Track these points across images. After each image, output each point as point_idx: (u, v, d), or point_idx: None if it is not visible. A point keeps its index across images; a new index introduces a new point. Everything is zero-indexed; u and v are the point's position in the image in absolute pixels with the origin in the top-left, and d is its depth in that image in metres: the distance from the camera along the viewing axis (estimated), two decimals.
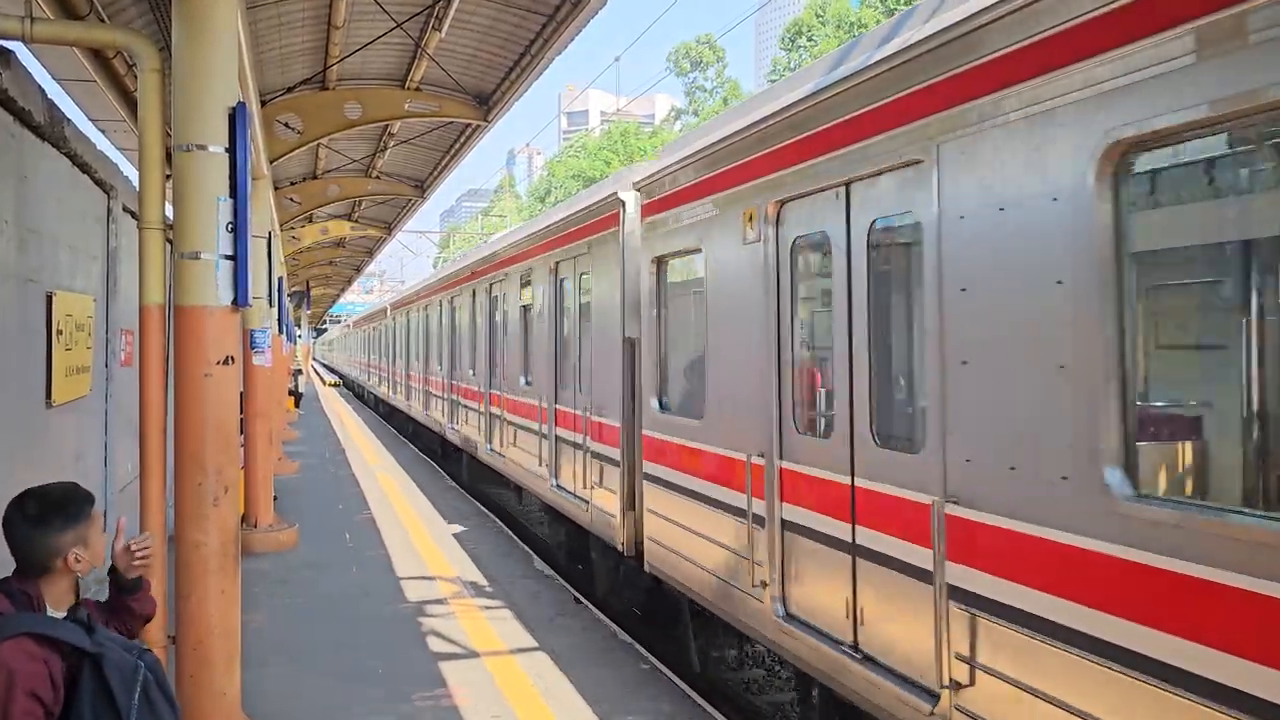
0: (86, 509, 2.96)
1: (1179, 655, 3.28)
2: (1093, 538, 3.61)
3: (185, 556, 5.49)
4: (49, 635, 2.71)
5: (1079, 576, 3.68)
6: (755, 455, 6.17)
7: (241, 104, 5.64)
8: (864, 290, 5.14)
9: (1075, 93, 3.69)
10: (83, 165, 7.74)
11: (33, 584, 2.84)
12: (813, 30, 54.98)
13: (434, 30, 10.85)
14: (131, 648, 2.88)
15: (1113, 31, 3.54)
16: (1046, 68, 3.83)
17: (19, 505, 2.90)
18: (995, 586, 4.09)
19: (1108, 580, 3.55)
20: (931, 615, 4.43)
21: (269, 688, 6.74)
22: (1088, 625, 3.63)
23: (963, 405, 4.30)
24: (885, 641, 4.92)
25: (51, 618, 2.80)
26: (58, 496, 2.96)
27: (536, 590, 9.71)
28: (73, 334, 7.19)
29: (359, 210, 23.98)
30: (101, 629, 2.86)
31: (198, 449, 5.50)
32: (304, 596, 9.43)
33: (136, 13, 8.94)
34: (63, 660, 2.71)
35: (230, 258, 5.51)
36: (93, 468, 8.16)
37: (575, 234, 10.34)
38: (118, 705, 2.73)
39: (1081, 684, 3.66)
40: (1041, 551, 3.85)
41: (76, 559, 2.88)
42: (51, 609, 2.84)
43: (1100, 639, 3.57)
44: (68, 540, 2.87)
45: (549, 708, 6.57)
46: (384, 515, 13.80)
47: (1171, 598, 3.31)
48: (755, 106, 6.56)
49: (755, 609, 6.17)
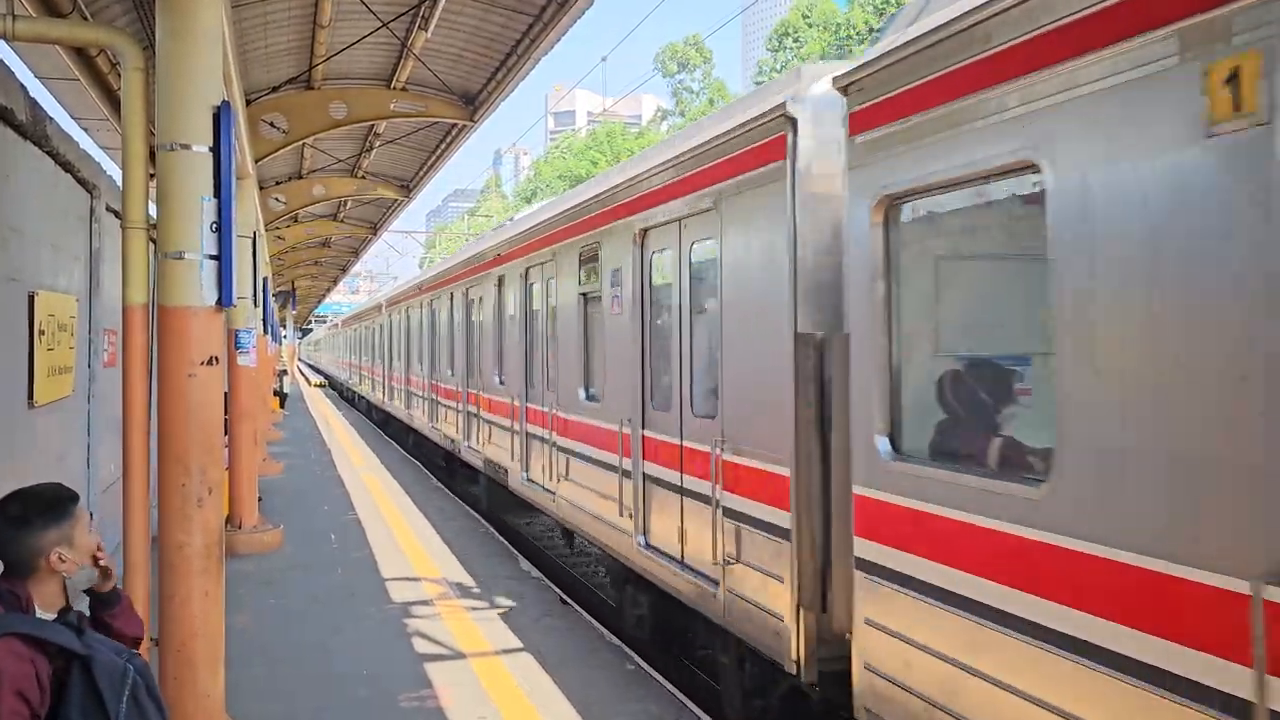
0: (70, 507, 2.94)
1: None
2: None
3: (169, 558, 5.46)
4: (36, 636, 2.69)
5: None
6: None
7: (226, 103, 5.61)
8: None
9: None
10: (65, 164, 7.69)
11: (21, 585, 2.82)
12: (799, 32, 55.12)
13: (420, 30, 10.83)
14: (121, 651, 2.87)
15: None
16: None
17: (1, 507, 2.89)
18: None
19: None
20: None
21: (253, 689, 6.71)
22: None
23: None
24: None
25: (40, 619, 2.78)
26: (39, 496, 2.94)
27: (523, 591, 9.69)
28: (55, 334, 7.15)
29: (345, 210, 23.92)
30: (91, 632, 2.84)
31: (182, 450, 5.47)
32: (289, 598, 9.39)
33: (120, 10, 8.89)
34: (50, 662, 2.69)
35: (214, 258, 5.48)
36: (75, 468, 8.10)
37: (686, 183, 7.06)
38: (106, 708, 2.71)
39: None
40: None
41: (60, 558, 2.86)
42: (41, 611, 2.82)
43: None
44: (50, 539, 2.85)
45: (535, 708, 6.56)
46: (369, 516, 13.75)
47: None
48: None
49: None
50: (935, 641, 4.42)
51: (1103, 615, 3.49)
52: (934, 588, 4.42)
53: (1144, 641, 3.32)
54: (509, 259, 12.68)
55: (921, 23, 4.68)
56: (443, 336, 18.02)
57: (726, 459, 6.43)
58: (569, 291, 9.97)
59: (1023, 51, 3.88)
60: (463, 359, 15.82)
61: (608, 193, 8.73)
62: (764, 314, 6.02)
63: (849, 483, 5.15)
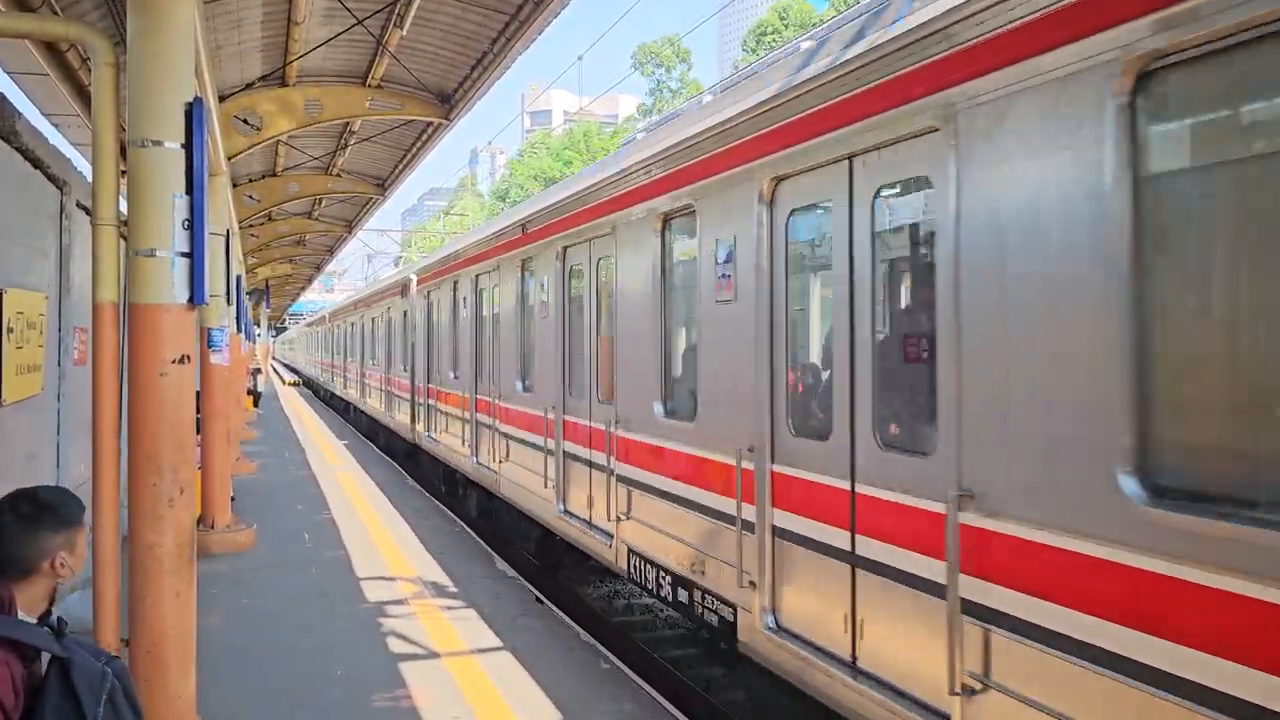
0: (78, 513, 2.96)
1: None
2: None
3: (139, 558, 5.41)
4: (12, 638, 2.66)
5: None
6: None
7: (198, 99, 5.56)
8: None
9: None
10: (35, 160, 7.60)
11: (7, 586, 2.79)
12: (776, 32, 55.30)
13: (395, 28, 10.79)
14: (100, 654, 2.84)
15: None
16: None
17: (11, 504, 2.88)
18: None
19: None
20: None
21: (225, 690, 6.66)
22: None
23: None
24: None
25: (20, 621, 2.75)
26: (51, 498, 2.95)
27: (498, 590, 9.68)
28: (24, 332, 7.06)
29: (319, 208, 23.77)
30: (70, 635, 2.82)
31: (153, 449, 5.42)
32: (262, 598, 9.32)
33: (91, 5, 8.80)
34: (25, 666, 2.67)
35: (186, 255, 5.43)
36: (45, 468, 8.01)
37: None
38: (84, 711, 2.70)
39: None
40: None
41: (62, 563, 2.86)
42: (23, 613, 2.79)
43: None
44: (58, 542, 2.85)
45: (510, 707, 6.55)
46: (344, 515, 13.68)
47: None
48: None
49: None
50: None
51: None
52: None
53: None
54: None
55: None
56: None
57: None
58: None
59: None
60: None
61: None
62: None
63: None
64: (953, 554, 4.31)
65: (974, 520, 4.26)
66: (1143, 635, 3.51)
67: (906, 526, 4.78)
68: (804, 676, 5.55)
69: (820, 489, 5.48)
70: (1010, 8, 4.10)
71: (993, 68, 4.21)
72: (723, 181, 6.48)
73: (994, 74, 4.20)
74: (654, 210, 7.47)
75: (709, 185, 6.67)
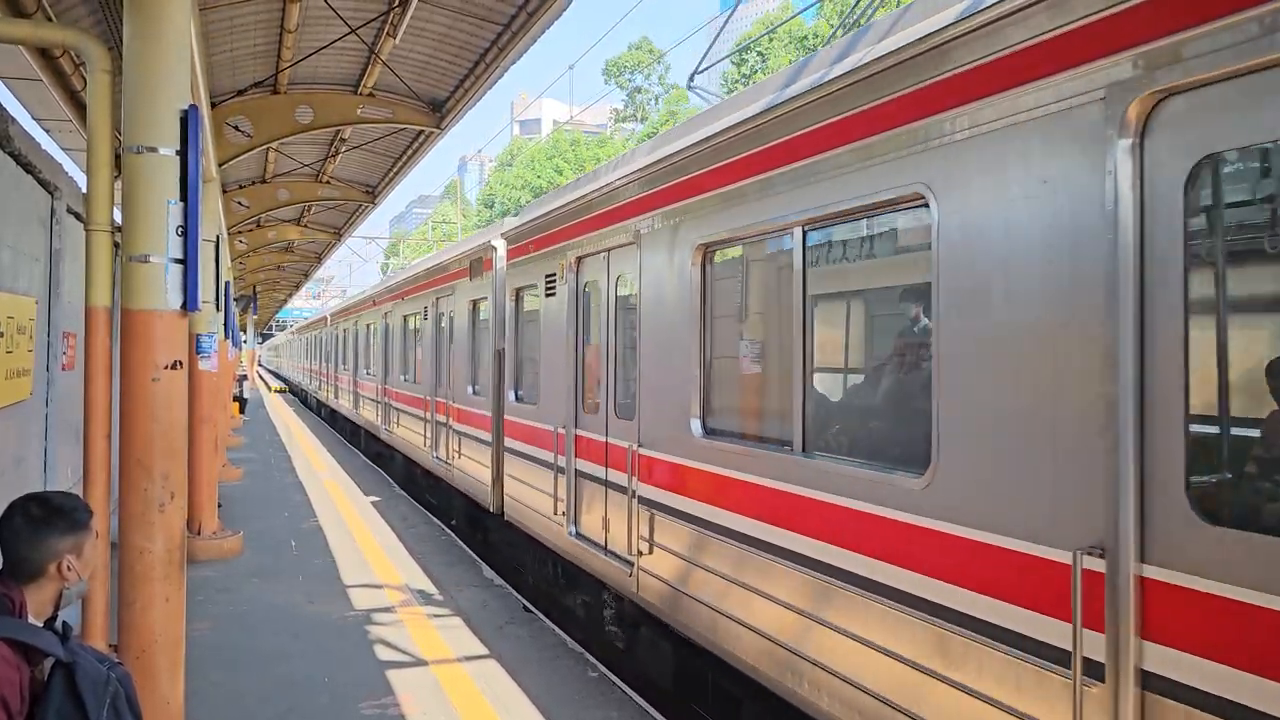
0: (87, 519, 2.97)
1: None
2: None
3: (129, 563, 5.41)
4: (22, 641, 2.67)
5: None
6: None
7: (194, 106, 5.59)
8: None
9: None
10: (26, 165, 7.59)
11: (18, 589, 2.81)
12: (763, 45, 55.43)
13: (388, 37, 10.83)
14: (104, 659, 2.86)
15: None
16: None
17: (22, 506, 2.90)
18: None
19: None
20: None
21: (213, 696, 6.67)
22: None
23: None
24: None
25: (29, 624, 2.76)
26: (62, 502, 2.97)
27: (485, 599, 9.70)
28: (14, 336, 7.04)
29: (309, 215, 23.75)
30: (75, 639, 2.84)
31: (145, 454, 5.43)
32: (249, 604, 9.32)
33: (85, 11, 8.82)
34: (31, 669, 2.69)
35: (180, 261, 5.46)
36: (32, 473, 7.98)
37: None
38: (87, 715, 2.71)
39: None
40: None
41: (69, 567, 2.87)
42: (32, 616, 2.81)
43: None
44: (66, 546, 2.87)
45: (497, 715, 6.57)
46: (330, 522, 13.67)
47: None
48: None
49: None
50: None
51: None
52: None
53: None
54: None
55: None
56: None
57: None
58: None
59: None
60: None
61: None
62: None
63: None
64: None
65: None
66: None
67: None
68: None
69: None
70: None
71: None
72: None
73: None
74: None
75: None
